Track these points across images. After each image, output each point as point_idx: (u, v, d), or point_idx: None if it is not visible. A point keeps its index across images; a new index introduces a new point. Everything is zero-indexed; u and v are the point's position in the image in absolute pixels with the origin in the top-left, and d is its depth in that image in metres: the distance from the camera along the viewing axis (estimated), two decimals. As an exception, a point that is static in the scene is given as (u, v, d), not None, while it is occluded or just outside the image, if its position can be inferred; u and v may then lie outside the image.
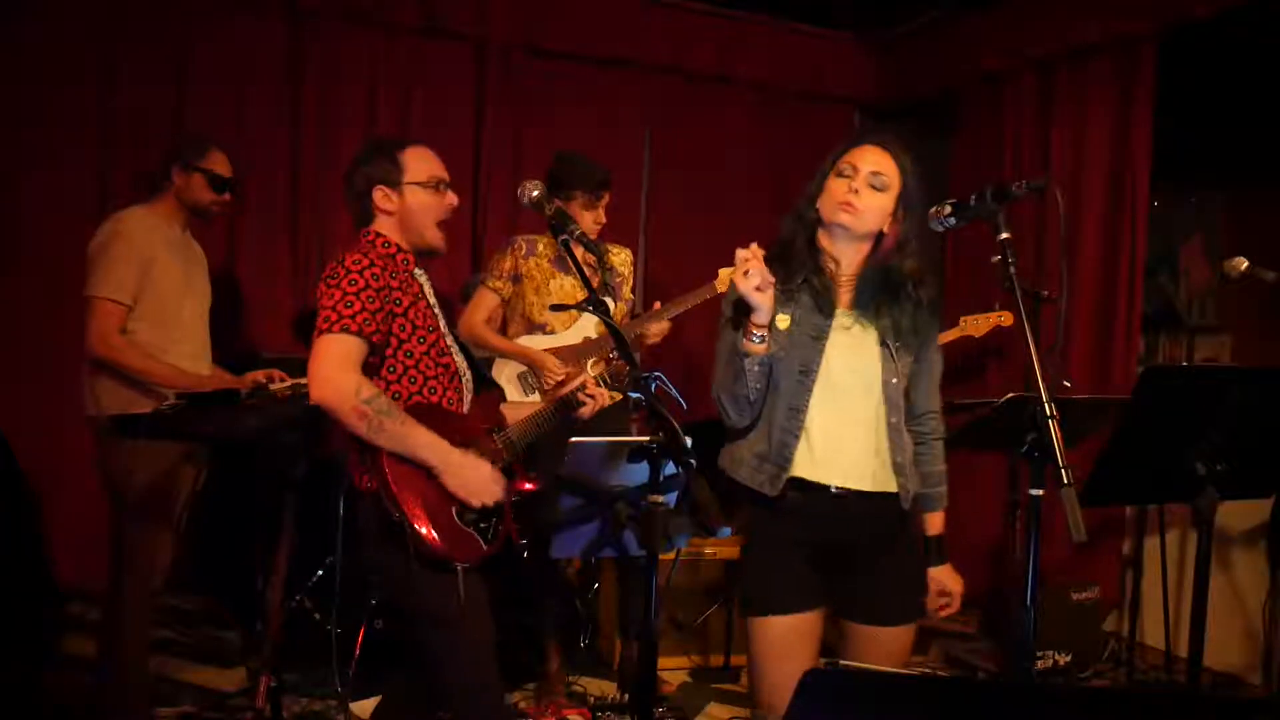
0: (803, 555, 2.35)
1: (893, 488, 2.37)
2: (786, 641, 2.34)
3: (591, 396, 2.75)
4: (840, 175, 2.36)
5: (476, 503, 2.45)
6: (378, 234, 2.54)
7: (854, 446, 2.35)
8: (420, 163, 2.55)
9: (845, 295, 2.41)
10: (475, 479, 2.44)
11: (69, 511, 4.24)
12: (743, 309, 2.25)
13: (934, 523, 2.52)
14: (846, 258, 2.40)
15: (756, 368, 2.26)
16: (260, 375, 3.34)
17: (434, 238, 2.57)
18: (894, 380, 2.37)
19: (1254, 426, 2.33)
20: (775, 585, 2.36)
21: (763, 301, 2.19)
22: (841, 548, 2.36)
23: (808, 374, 2.33)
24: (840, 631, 2.46)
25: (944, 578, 2.52)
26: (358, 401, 2.32)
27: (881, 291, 2.39)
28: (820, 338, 2.34)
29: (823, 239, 2.40)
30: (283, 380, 3.32)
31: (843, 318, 2.38)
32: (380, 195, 2.53)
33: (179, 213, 3.49)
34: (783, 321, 2.33)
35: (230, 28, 4.83)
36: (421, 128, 5.05)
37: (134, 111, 4.64)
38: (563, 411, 2.74)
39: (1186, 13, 4.32)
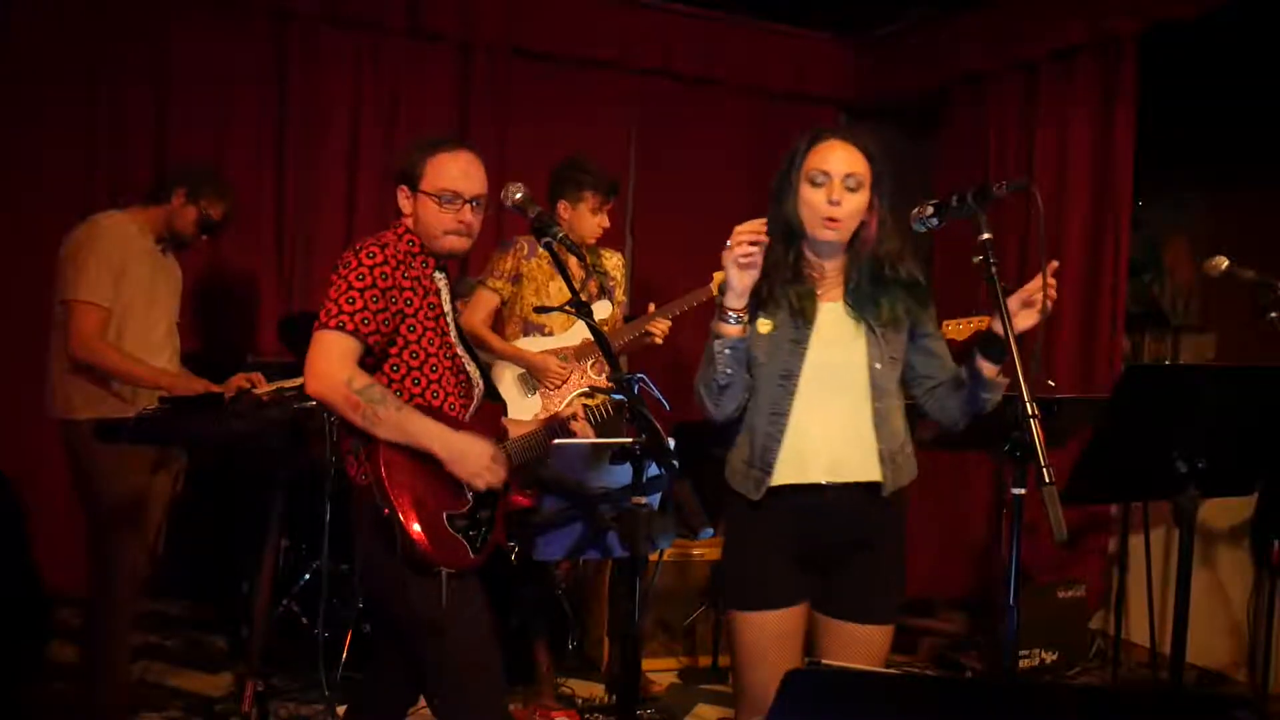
0: (788, 552, 2.34)
1: (876, 476, 2.34)
2: (770, 637, 2.33)
3: (582, 429, 2.71)
4: (814, 184, 2.30)
5: (480, 484, 2.43)
6: (407, 230, 2.51)
7: (839, 440, 2.33)
8: (439, 172, 2.47)
9: (834, 290, 2.39)
10: (476, 458, 2.41)
11: (57, 518, 4.21)
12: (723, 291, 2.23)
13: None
14: (831, 258, 2.39)
15: (727, 351, 2.24)
16: (242, 380, 3.33)
17: (442, 247, 2.51)
18: (878, 365, 2.34)
19: (1235, 425, 2.35)
20: (759, 580, 2.35)
21: (740, 280, 2.18)
22: (824, 543, 2.35)
23: (789, 378, 2.32)
24: (817, 627, 2.43)
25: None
26: (349, 392, 2.31)
27: (869, 281, 2.37)
28: (801, 342, 2.33)
29: (805, 247, 2.38)
30: (263, 384, 3.31)
31: (830, 314, 2.37)
32: (401, 194, 2.51)
33: (159, 228, 3.48)
34: (764, 326, 2.32)
35: (213, 29, 4.82)
36: (406, 129, 5.04)
37: (116, 113, 4.64)
38: (554, 434, 2.71)
39: (1169, 12, 4.34)
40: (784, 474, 2.32)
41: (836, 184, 2.29)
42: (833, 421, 2.33)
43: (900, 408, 2.41)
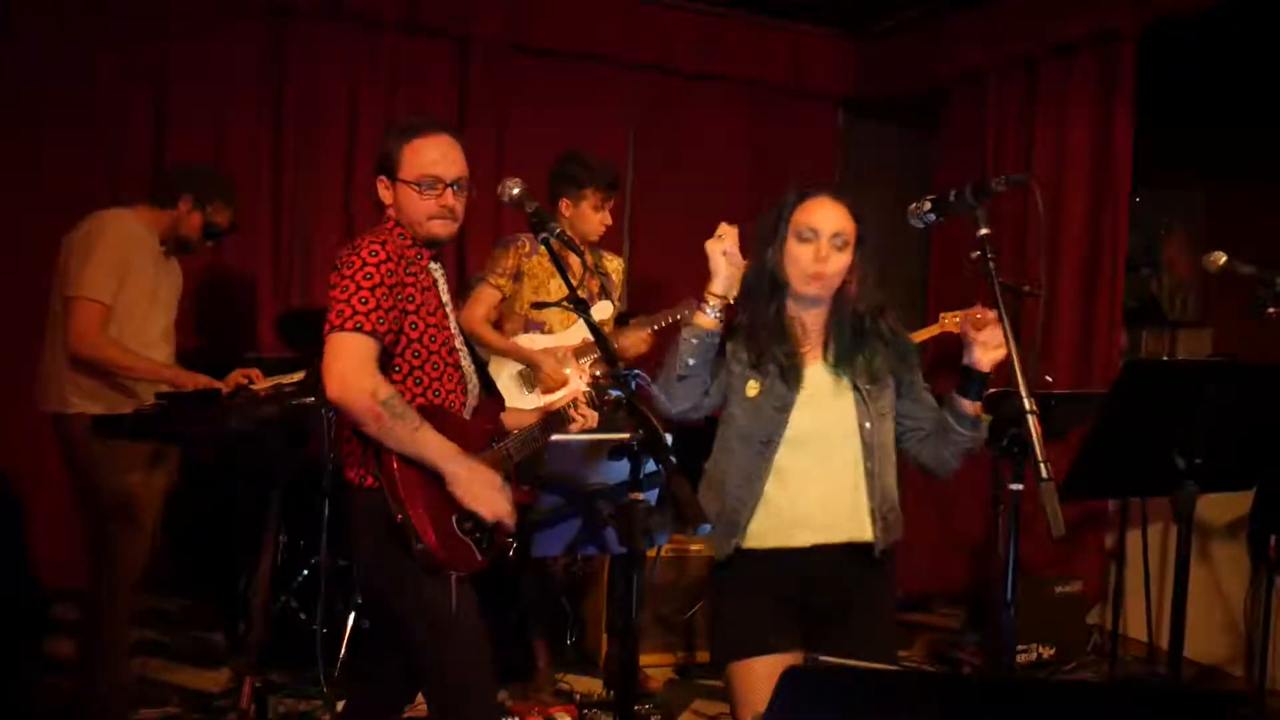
0: (780, 605, 2.33)
1: (867, 536, 2.34)
2: (762, 680, 2.25)
3: (584, 415, 2.68)
4: (802, 240, 2.31)
5: (485, 513, 2.39)
6: (396, 223, 2.47)
7: (828, 502, 2.32)
8: (415, 158, 2.42)
9: (816, 350, 2.39)
10: (483, 488, 2.38)
11: (52, 513, 4.21)
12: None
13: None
14: (813, 315, 2.39)
15: (694, 340, 2.25)
16: (240, 376, 3.33)
17: (428, 233, 2.47)
18: (868, 424, 2.34)
19: (1233, 420, 2.35)
20: (753, 628, 2.32)
21: (726, 268, 2.22)
22: (813, 606, 2.34)
23: (769, 444, 2.31)
24: None
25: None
26: (373, 402, 2.27)
27: (851, 338, 2.37)
28: (785, 408, 2.32)
29: (789, 303, 2.37)
30: (261, 380, 3.31)
31: (815, 374, 2.36)
32: (380, 185, 2.47)
33: (164, 230, 3.47)
34: (752, 389, 2.33)
35: (211, 25, 4.80)
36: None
37: (116, 112, 4.62)
38: (550, 428, 2.68)
39: (1170, 8, 4.34)
40: (762, 538, 2.32)
41: (824, 242, 2.30)
42: (820, 484, 2.33)
43: (894, 465, 2.40)
